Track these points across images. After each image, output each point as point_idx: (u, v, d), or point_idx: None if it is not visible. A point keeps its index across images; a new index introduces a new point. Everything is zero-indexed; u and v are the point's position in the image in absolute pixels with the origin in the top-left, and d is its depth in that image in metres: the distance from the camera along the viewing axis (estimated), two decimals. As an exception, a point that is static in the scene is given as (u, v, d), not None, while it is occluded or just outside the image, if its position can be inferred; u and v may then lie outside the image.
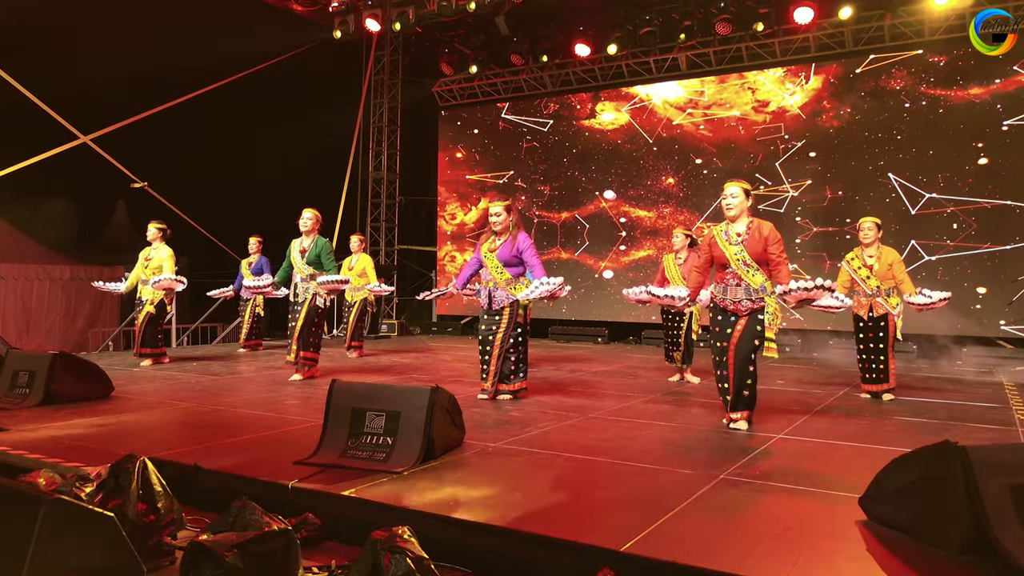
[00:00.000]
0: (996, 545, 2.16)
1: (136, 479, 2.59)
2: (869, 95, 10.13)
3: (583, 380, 6.82)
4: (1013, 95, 9.29)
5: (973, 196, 9.44)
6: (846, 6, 9.75)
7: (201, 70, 10.70)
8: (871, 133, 10.11)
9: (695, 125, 11.36)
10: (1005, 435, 4.43)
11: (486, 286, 5.48)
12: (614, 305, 11.73)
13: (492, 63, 12.54)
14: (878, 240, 5.85)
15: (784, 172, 10.62)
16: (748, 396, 4.47)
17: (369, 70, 13.48)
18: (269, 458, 3.56)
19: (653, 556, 2.31)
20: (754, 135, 10.87)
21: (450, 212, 13.49)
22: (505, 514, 2.72)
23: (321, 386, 4.81)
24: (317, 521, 2.83)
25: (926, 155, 9.74)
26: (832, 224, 10.26)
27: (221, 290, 9.07)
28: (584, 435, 4.23)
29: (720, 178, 10.86)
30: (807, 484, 3.21)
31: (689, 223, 11.16)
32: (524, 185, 12.72)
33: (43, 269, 11.06)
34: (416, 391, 3.65)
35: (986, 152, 9.43)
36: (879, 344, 5.74)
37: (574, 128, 12.37)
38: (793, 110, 10.63)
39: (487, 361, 5.43)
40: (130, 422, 4.58)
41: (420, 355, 9.13)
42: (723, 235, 4.58)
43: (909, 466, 2.62)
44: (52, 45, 9.49)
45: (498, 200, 5.49)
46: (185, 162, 10.75)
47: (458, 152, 13.46)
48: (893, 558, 2.35)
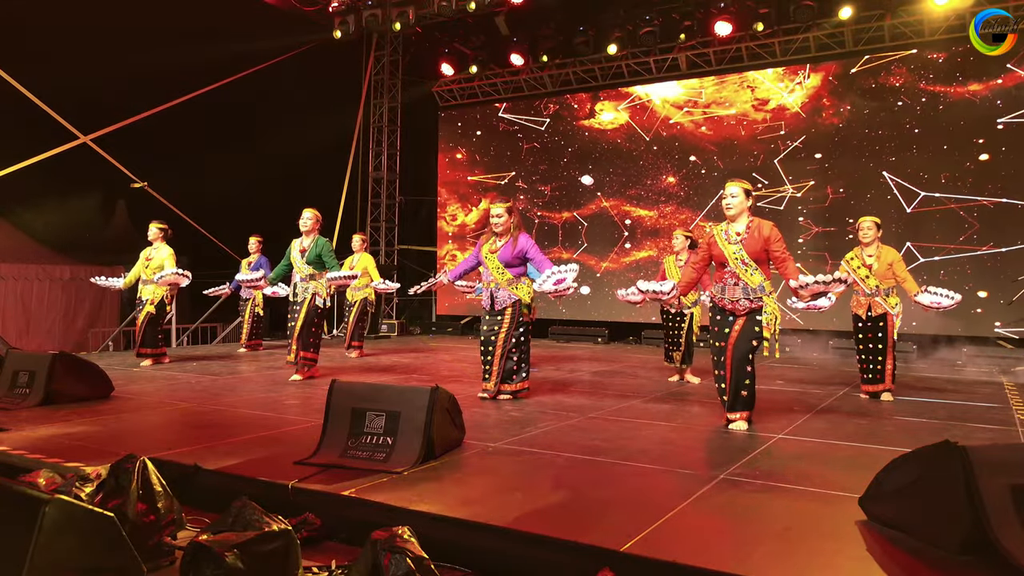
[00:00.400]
0: (996, 545, 2.16)
1: (136, 479, 2.59)
2: (868, 92, 10.13)
3: (583, 380, 6.82)
4: (1010, 92, 9.29)
5: (974, 194, 9.44)
6: (846, 6, 9.75)
7: (201, 70, 10.69)
8: (871, 130, 10.11)
9: (695, 124, 11.36)
10: (1005, 435, 4.43)
11: (487, 287, 5.48)
12: (614, 305, 11.73)
13: (492, 63, 12.54)
14: (878, 239, 5.85)
15: (784, 170, 10.62)
16: (747, 396, 4.47)
17: (369, 70, 13.48)
18: (269, 458, 3.56)
19: (653, 556, 2.31)
20: (754, 133, 10.86)
21: (451, 213, 13.49)
22: (505, 514, 2.72)
23: (321, 386, 4.81)
24: (317, 521, 2.83)
25: (927, 153, 9.74)
26: (833, 223, 10.26)
27: (217, 288, 9.05)
28: (584, 435, 4.23)
29: (720, 177, 10.88)
30: (807, 484, 3.21)
31: (690, 222, 11.16)
32: (524, 186, 12.73)
33: (43, 269, 11.06)
34: (416, 391, 3.65)
35: (986, 148, 9.42)
36: (877, 344, 5.74)
37: (574, 128, 12.37)
38: (793, 108, 10.63)
39: (489, 361, 5.43)
40: (130, 422, 4.58)
41: (420, 355, 9.13)
42: (723, 234, 4.59)
43: (909, 466, 2.63)
44: (52, 45, 9.48)
45: (500, 201, 5.51)
46: (185, 162, 10.75)
47: (458, 153, 13.46)
48: (893, 558, 2.35)
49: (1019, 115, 9.20)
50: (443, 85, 13.41)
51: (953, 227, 9.54)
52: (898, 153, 9.91)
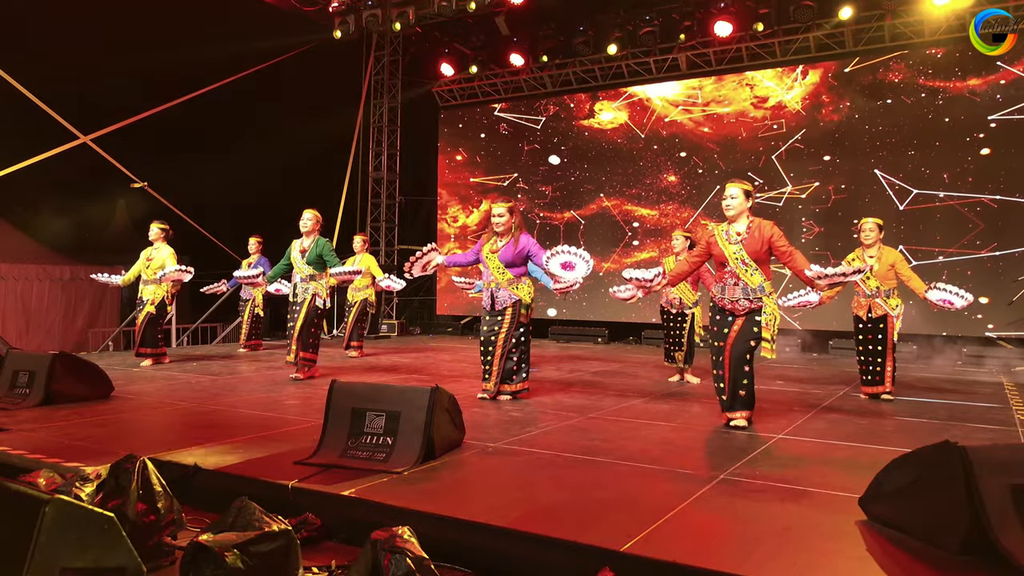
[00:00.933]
0: (996, 545, 2.16)
1: (136, 479, 2.59)
2: (867, 89, 10.13)
3: (583, 380, 6.82)
4: (1006, 88, 9.29)
5: (975, 192, 9.43)
6: (846, 6, 9.75)
7: (201, 70, 10.70)
8: (871, 127, 10.10)
9: (695, 122, 11.36)
10: (1005, 435, 4.43)
11: (488, 287, 5.48)
12: (614, 305, 11.74)
13: (492, 63, 12.54)
14: (879, 241, 5.85)
15: (784, 168, 10.62)
16: (745, 396, 4.47)
17: (369, 70, 13.47)
18: (269, 458, 3.56)
19: (653, 556, 2.31)
20: (754, 131, 10.85)
21: (452, 215, 13.49)
22: (505, 514, 2.72)
23: (321, 386, 4.81)
24: (317, 521, 2.83)
25: (928, 151, 9.73)
26: (834, 221, 10.26)
27: (215, 285, 9.03)
28: (584, 435, 4.23)
29: (720, 175, 10.88)
30: (807, 484, 3.21)
31: (692, 221, 11.16)
32: (526, 186, 12.72)
33: (43, 269, 11.06)
34: (416, 391, 3.65)
35: (986, 144, 9.41)
36: (877, 346, 5.73)
37: (574, 128, 12.36)
38: (792, 105, 10.63)
39: (489, 361, 5.43)
40: (130, 422, 4.58)
41: (420, 355, 9.13)
42: (723, 234, 4.59)
43: (909, 466, 2.63)
44: (52, 45, 9.48)
45: (501, 201, 5.51)
46: (185, 162, 10.75)
47: (458, 155, 13.45)
48: (893, 558, 2.35)
49: (1006, 113, 9.20)
50: (443, 85, 13.41)
51: (955, 227, 9.53)
52: (897, 151, 9.90)
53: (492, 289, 5.44)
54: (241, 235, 9.63)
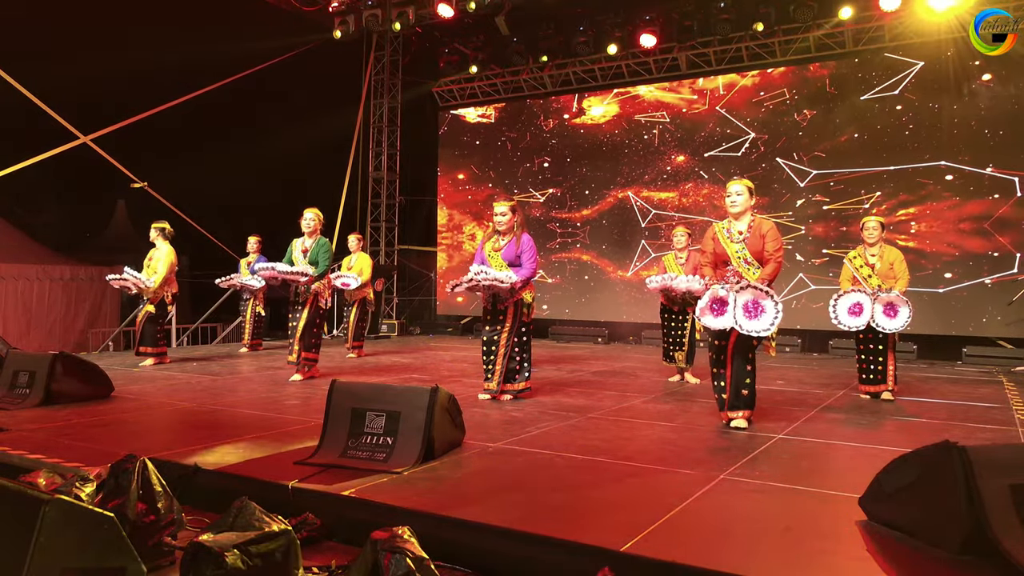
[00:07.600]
0: (996, 545, 2.16)
1: (136, 479, 2.59)
2: (867, 87, 10.13)
3: (583, 380, 6.82)
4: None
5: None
6: (846, 6, 9.75)
7: (201, 70, 10.70)
8: (872, 126, 10.10)
9: (695, 113, 11.34)
10: (1005, 435, 4.43)
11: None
12: (614, 305, 11.73)
13: (492, 63, 12.53)
14: (882, 239, 5.85)
15: (783, 167, 10.61)
16: (747, 395, 4.47)
17: (369, 70, 13.47)
18: (269, 458, 3.56)
19: (653, 556, 2.31)
20: (753, 128, 10.86)
21: (452, 215, 13.48)
22: (505, 514, 2.72)
23: (321, 386, 4.81)
24: (317, 521, 2.83)
25: (928, 149, 9.74)
26: (835, 219, 10.25)
27: (228, 277, 9.10)
28: (584, 435, 4.23)
29: (719, 174, 10.86)
30: (807, 484, 3.21)
31: (693, 222, 11.13)
32: (529, 187, 12.70)
33: (43, 269, 11.06)
34: (416, 391, 3.65)
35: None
36: (879, 345, 5.73)
37: (574, 127, 12.35)
38: (792, 103, 10.62)
39: (492, 361, 5.42)
40: (130, 422, 4.58)
41: (420, 355, 9.13)
42: (725, 232, 4.59)
43: (909, 466, 2.62)
44: (52, 45, 9.49)
45: (504, 200, 5.50)
46: (185, 162, 10.75)
47: (458, 154, 13.45)
48: (893, 558, 2.34)
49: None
50: (443, 85, 13.40)
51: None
52: (900, 150, 9.90)
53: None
54: (241, 235, 9.63)
